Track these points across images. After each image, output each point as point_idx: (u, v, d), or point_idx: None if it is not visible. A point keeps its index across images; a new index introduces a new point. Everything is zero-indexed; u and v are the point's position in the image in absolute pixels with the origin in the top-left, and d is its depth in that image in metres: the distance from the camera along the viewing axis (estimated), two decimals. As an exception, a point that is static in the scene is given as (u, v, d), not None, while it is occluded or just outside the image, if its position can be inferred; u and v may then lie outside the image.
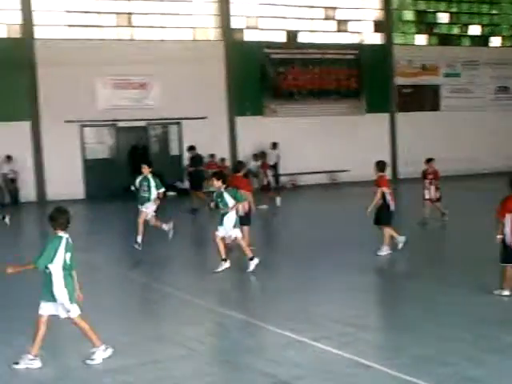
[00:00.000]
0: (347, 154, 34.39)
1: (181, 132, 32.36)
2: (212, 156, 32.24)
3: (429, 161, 21.29)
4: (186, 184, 31.60)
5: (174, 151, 32.53)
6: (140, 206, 17.75)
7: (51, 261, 9.19)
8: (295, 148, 33.60)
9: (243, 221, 15.96)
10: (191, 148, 26.70)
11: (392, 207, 16.35)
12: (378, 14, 37.41)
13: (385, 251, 16.37)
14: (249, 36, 34.64)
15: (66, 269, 9.33)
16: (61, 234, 9.37)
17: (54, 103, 29.28)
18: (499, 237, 12.11)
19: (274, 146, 32.94)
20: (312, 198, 30.70)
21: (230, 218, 14.95)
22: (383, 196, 16.25)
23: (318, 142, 34.16)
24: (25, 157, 29.18)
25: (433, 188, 21.06)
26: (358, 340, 10.55)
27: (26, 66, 29.37)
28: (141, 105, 31.38)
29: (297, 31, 35.65)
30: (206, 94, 31.90)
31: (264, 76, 34.38)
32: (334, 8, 36.34)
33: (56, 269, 9.26)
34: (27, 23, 29.64)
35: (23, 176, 28.94)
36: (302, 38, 35.74)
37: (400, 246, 16.79)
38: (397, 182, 33.40)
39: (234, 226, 15.00)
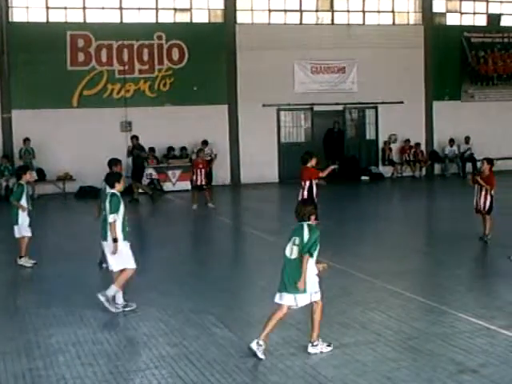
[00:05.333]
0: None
1: (377, 116, 32.23)
2: (406, 141, 31.96)
3: None
4: (381, 169, 31.55)
5: (370, 135, 32.45)
6: None
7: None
8: (491, 133, 32.72)
9: None
10: (134, 137, 26.24)
11: None
12: None
13: None
14: (449, 20, 34.03)
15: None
16: (310, 222, 9.58)
17: (252, 87, 29.83)
18: None
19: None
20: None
21: None
22: None
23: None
24: (221, 140, 29.87)
25: None
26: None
27: (225, 51, 30.07)
28: (338, 89, 31.46)
29: (499, 15, 34.64)
30: (403, 79, 31.61)
31: (463, 60, 33.67)
32: (539, -11, 35.02)
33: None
34: (229, 8, 30.31)
35: (219, 159, 29.62)
36: (503, 22, 34.70)
37: None
38: None
39: None
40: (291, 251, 9.55)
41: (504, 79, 34.41)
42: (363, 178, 30.43)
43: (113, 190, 11.69)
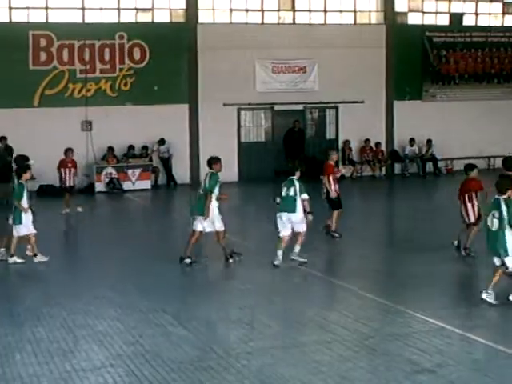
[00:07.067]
0: (507, 138, 33.29)
1: (337, 116, 32.31)
2: (366, 141, 32.12)
3: None
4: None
5: (330, 135, 32.51)
6: None
7: None
8: (452, 132, 32.80)
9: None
10: (2, 138, 26.00)
11: None
12: (546, -5, 36.04)
13: None
14: (411, 19, 34.17)
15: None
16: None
17: (213, 87, 29.65)
18: None
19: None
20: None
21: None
22: None
23: (477, 127, 33.18)
24: (181, 139, 29.75)
25: None
26: (508, 330, 10.34)
27: (186, 50, 29.84)
28: (298, 88, 31.44)
29: (462, 14, 34.86)
30: (364, 78, 31.60)
31: (425, 60, 33.84)
32: (501, -11, 35.35)
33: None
34: (191, 8, 30.20)
35: (179, 158, 29.52)
36: (466, 21, 34.93)
37: None
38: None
39: None
40: (492, 224, 11.56)
41: (465, 79, 34.55)
42: (322, 177, 30.37)
43: (295, 177, 15.18)
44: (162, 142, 28.92)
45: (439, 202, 25.68)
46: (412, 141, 32.26)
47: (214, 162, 15.51)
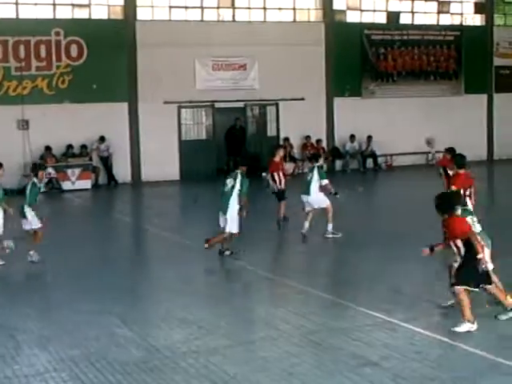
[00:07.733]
0: (443, 134, 33.68)
1: (278, 113, 32.37)
2: (307, 138, 32.24)
3: None
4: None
5: (271, 132, 32.55)
6: None
7: None
8: (391, 129, 33.21)
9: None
10: None
11: None
12: (479, -4, 36.70)
13: None
14: (350, 17, 34.46)
15: None
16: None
17: (153, 84, 29.50)
18: None
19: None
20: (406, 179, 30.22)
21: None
22: None
23: (415, 123, 33.66)
24: (121, 138, 29.48)
25: None
26: (449, 321, 10.44)
27: (125, 48, 29.62)
28: (239, 86, 31.41)
29: (398, 12, 35.28)
30: (304, 76, 31.76)
31: (363, 57, 34.13)
32: (436, -11, 35.86)
33: None
34: (129, 5, 29.93)
35: (119, 157, 29.27)
36: (403, 20, 35.37)
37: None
38: (492, 164, 34.80)
39: None
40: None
41: (403, 76, 35.00)
42: (264, 174, 30.31)
43: (317, 164, 17.41)
44: (101, 140, 28.62)
45: (379, 198, 25.95)
46: (352, 137, 32.58)
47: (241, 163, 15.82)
